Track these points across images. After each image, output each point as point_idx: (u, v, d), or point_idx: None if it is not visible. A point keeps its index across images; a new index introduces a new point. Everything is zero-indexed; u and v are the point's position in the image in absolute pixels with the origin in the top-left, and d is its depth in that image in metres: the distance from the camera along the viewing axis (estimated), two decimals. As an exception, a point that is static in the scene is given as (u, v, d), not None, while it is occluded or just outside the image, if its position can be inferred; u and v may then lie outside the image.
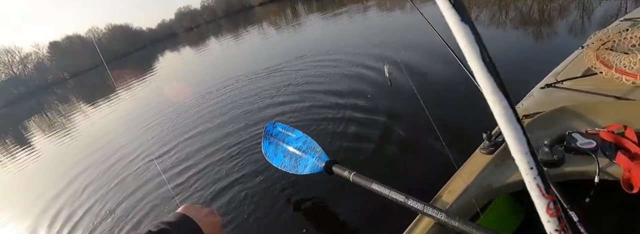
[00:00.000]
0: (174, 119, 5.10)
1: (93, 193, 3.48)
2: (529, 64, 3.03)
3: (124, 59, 29.88)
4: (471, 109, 2.50)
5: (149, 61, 19.37)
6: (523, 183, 0.78)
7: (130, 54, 34.16)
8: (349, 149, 2.54)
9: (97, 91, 14.04)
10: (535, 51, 3.30)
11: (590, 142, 0.99)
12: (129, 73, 16.85)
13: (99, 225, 2.78)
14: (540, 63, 2.87)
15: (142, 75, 13.54)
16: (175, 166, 3.35)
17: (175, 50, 21.49)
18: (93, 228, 2.77)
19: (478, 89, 1.04)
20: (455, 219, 0.83)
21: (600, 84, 1.30)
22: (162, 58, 19.82)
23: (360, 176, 1.25)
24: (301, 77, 4.98)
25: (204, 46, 15.51)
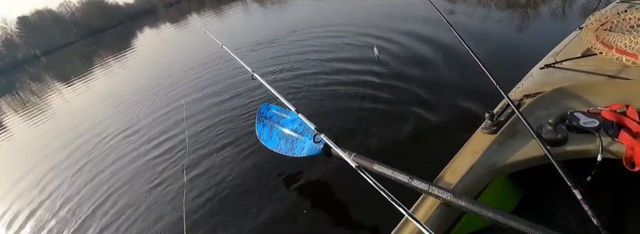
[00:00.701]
0: (155, 95, 5.01)
1: (66, 171, 3.41)
2: (526, 44, 3.04)
3: (100, 36, 28.33)
4: (468, 88, 2.52)
5: (128, 38, 18.40)
6: (526, 162, 0.76)
7: (107, 30, 32.35)
8: (349, 130, 2.51)
9: (72, 70, 13.35)
10: (532, 32, 3.30)
11: (592, 121, 0.99)
12: (106, 51, 16.08)
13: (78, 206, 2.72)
14: (538, 44, 2.88)
15: (120, 53, 12.91)
16: (154, 139, 3.31)
17: (155, 27, 20.45)
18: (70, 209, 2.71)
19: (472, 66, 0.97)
20: (461, 198, 0.82)
21: (600, 64, 1.29)
22: (142, 35, 18.88)
23: (362, 157, 1.23)
24: (288, 56, 4.87)
25: (185, 23, 14.79)
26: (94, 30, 33.64)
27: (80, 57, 17.26)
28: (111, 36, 25.22)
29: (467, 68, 2.81)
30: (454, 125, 2.15)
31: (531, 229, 0.71)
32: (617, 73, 1.19)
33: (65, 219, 2.62)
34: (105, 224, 2.35)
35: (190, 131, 3.26)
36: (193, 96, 4.36)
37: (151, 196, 2.49)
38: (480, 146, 1.01)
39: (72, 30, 33.50)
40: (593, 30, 1.50)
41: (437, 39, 3.70)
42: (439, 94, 2.62)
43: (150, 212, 2.30)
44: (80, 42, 28.50)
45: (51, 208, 2.88)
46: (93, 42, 24.04)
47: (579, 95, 1.12)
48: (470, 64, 2.75)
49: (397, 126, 2.36)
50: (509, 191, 1.23)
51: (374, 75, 3.27)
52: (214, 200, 2.14)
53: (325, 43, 4.94)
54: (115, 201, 2.59)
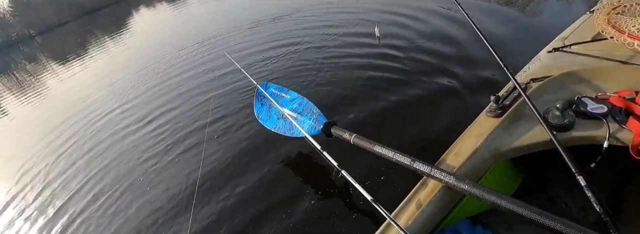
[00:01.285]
0: (150, 76, 4.99)
1: (69, 151, 3.41)
2: (535, 27, 2.97)
3: (94, 15, 27.61)
4: (474, 70, 2.49)
5: (123, 17, 17.91)
6: (531, 147, 0.74)
7: (101, 9, 31.48)
8: (350, 111, 2.50)
9: (67, 49, 13.07)
10: (542, 15, 3.22)
11: (600, 107, 0.97)
12: (101, 30, 15.73)
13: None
14: (547, 27, 2.82)
15: (115, 32, 12.63)
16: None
17: (151, 5, 19.89)
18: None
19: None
20: (464, 182, 0.81)
21: (610, 49, 1.25)
22: (137, 14, 18.40)
23: (362, 138, 1.21)
24: (286, 35, 4.78)
25: (182, 1, 14.35)
26: (88, 10, 32.73)
27: (75, 37, 16.90)
28: (106, 15, 24.57)
29: (473, 48, 2.78)
30: (458, 106, 2.14)
31: (531, 213, 0.71)
32: (627, 59, 1.16)
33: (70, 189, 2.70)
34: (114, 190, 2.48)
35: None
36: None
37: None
38: (485, 129, 0.99)
39: (67, 9, 32.57)
40: (605, 14, 1.44)
41: (445, 19, 3.61)
42: (444, 74, 2.59)
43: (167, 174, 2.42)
44: (74, 22, 27.81)
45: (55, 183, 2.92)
46: (88, 21, 23.44)
47: (587, 80, 1.10)
48: (476, 45, 2.76)
49: (400, 107, 2.36)
50: (509, 175, 1.23)
51: (377, 57, 3.22)
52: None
53: (329, 21, 4.88)
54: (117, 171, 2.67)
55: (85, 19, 26.92)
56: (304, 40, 4.34)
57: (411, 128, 2.10)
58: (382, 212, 0.83)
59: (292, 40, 4.48)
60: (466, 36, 3.04)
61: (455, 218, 0.94)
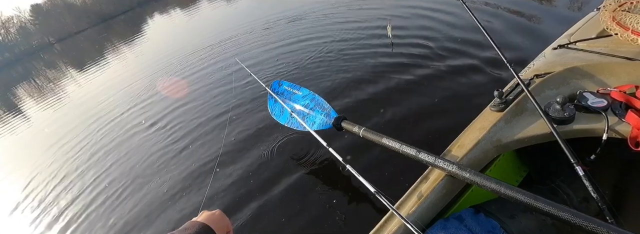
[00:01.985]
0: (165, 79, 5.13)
1: (93, 154, 3.57)
2: (541, 25, 2.99)
3: (111, 22, 28.52)
4: (480, 68, 2.54)
5: (138, 23, 18.49)
6: (532, 139, 0.79)
7: (117, 16, 32.49)
8: (360, 105, 2.60)
9: (85, 56, 13.56)
10: (549, 14, 3.22)
11: (601, 101, 1.00)
12: (117, 37, 16.23)
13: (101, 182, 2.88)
14: (554, 25, 2.83)
15: (131, 39, 13.03)
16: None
17: (165, 12, 20.45)
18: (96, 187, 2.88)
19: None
20: (466, 170, 0.86)
21: (614, 45, 1.27)
22: (152, 21, 18.93)
23: (371, 131, 1.26)
24: (297, 34, 4.91)
25: (195, 8, 14.70)
26: (105, 17, 33.85)
27: (93, 44, 17.51)
28: (122, 22, 25.41)
29: (479, 47, 2.83)
30: (464, 103, 2.20)
31: (533, 200, 0.74)
32: (631, 55, 1.18)
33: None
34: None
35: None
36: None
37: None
38: (488, 122, 1.03)
39: (84, 17, 33.73)
40: (610, 11, 1.46)
41: (452, 20, 3.66)
42: (451, 72, 2.65)
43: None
44: (92, 29, 28.83)
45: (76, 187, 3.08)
46: (104, 28, 24.30)
47: (589, 75, 1.12)
48: (483, 44, 2.80)
49: (406, 102, 2.45)
50: (514, 168, 1.26)
51: (389, 57, 3.29)
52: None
53: (340, 19, 5.01)
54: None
55: (102, 26, 27.84)
56: (315, 39, 4.47)
57: (422, 124, 2.18)
58: (385, 203, 0.88)
59: (303, 39, 4.62)
60: (473, 36, 3.08)
61: (461, 207, 0.99)
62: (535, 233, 0.88)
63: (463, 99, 2.25)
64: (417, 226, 0.85)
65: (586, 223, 0.66)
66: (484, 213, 0.90)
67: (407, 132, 2.14)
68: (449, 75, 2.61)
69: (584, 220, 0.66)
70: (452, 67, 2.71)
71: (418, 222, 0.87)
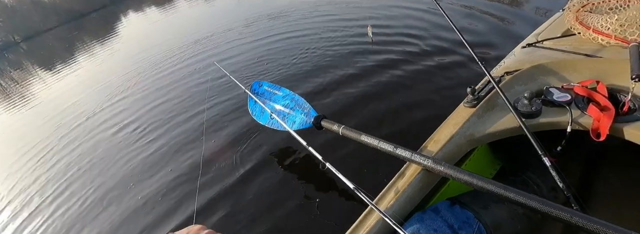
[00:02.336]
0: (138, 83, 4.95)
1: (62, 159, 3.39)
2: (511, 26, 3.12)
3: (82, 20, 27.29)
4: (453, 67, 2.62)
5: (111, 22, 17.76)
6: (502, 132, 0.83)
7: (89, 14, 31.12)
8: (342, 104, 2.61)
9: (54, 55, 12.89)
10: (517, 14, 3.36)
11: (565, 96, 1.05)
12: (89, 35, 15.56)
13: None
14: (522, 25, 2.96)
15: (104, 37, 12.52)
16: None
17: (140, 10, 19.77)
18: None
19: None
20: (441, 164, 0.88)
21: (578, 43, 1.35)
22: (126, 19, 18.26)
23: (350, 129, 1.28)
24: (277, 34, 4.89)
25: (171, 6, 14.31)
26: (76, 15, 32.31)
27: (63, 43, 16.67)
28: (94, 20, 24.34)
29: (454, 47, 2.93)
30: (440, 101, 2.27)
31: (504, 191, 0.78)
32: (592, 52, 1.26)
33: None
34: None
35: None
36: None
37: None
38: (461, 118, 1.07)
39: (53, 14, 32.08)
40: (574, 12, 1.55)
41: (426, 21, 3.75)
42: (425, 72, 2.73)
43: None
44: (61, 27, 27.41)
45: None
46: (75, 26, 23.16)
47: (555, 72, 1.19)
48: (457, 44, 2.89)
49: (380, 102, 2.49)
50: (488, 162, 1.31)
51: (368, 57, 3.33)
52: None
53: (319, 18, 5.03)
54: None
55: (73, 24, 26.54)
56: (295, 37, 4.47)
57: (397, 121, 2.23)
58: (364, 198, 0.90)
59: (282, 38, 4.61)
60: (447, 36, 3.18)
61: (438, 200, 1.02)
62: (507, 221, 0.92)
63: (438, 96, 2.33)
64: (395, 220, 0.87)
65: (553, 210, 0.70)
66: (459, 204, 0.93)
67: (384, 127, 2.19)
68: (424, 74, 2.69)
69: (551, 208, 0.70)
70: (427, 66, 2.78)
71: (396, 216, 0.89)
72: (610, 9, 1.57)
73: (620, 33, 1.25)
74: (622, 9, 1.43)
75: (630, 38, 1.21)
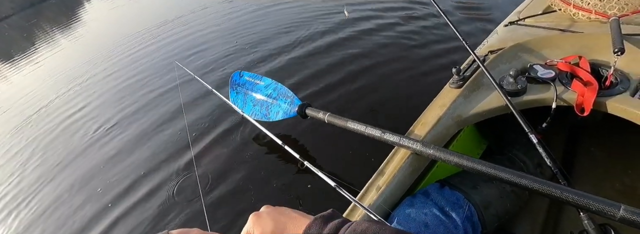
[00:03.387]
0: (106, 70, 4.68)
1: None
2: (494, 4, 3.11)
3: (40, 7, 25.28)
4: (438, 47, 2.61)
5: (72, 7, 16.53)
6: (489, 112, 0.81)
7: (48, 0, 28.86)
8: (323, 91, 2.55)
9: (12, 45, 11.94)
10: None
11: (549, 73, 1.05)
12: (49, 23, 14.48)
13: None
14: (504, 4, 2.96)
15: (65, 24, 11.68)
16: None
17: (105, -7, 18.49)
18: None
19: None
20: (429, 147, 0.87)
21: (559, 20, 1.35)
22: (88, 3, 17.06)
23: (335, 116, 1.25)
24: (254, 21, 4.68)
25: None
26: (33, 1, 29.94)
27: (21, 32, 15.43)
28: (54, 6, 22.58)
29: (436, 28, 2.91)
30: (425, 82, 2.25)
31: (492, 170, 0.77)
32: (573, 28, 1.26)
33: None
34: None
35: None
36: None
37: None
38: (448, 99, 1.05)
39: (7, 1, 29.51)
40: (554, -12, 1.54)
41: (409, 3, 3.69)
42: (409, 54, 2.69)
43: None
44: (18, 15, 25.29)
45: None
46: (33, 14, 21.42)
47: (537, 49, 1.18)
48: (440, 24, 2.87)
49: (367, 84, 2.45)
50: (475, 142, 1.32)
51: (344, 37, 3.27)
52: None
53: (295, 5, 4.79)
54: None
55: (30, 11, 24.54)
56: (274, 25, 4.27)
57: (382, 103, 2.21)
58: (346, 196, 0.88)
59: (259, 26, 4.40)
60: (430, 17, 3.14)
61: (428, 184, 1.01)
62: (496, 200, 0.92)
63: (424, 78, 2.31)
64: (386, 205, 0.85)
65: (541, 186, 0.70)
66: (449, 186, 0.92)
67: (371, 113, 2.16)
68: (410, 55, 2.65)
69: (539, 184, 0.70)
70: (413, 48, 2.75)
71: (388, 201, 0.87)
72: (589, -15, 1.58)
73: (600, 8, 1.25)
74: (602, -16, 1.42)
75: (610, 12, 1.21)
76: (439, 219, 0.82)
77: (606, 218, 0.62)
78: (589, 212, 0.70)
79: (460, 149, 1.15)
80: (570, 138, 1.31)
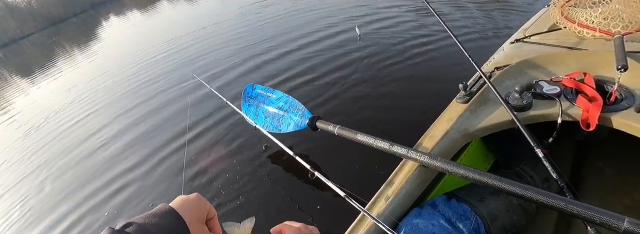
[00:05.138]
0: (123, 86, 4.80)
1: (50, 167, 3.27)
2: (501, 23, 3.18)
3: (61, 26, 26.50)
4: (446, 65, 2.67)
5: (92, 27, 17.32)
6: (495, 126, 0.83)
7: (68, 19, 30.27)
8: (335, 105, 2.60)
9: (33, 62, 12.46)
10: (503, 11, 3.43)
11: (554, 88, 1.07)
12: (69, 41, 15.12)
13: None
14: (510, 22, 3.02)
15: (84, 43, 12.20)
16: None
17: (121, 13, 19.34)
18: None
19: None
20: (437, 159, 0.88)
21: (564, 37, 1.38)
22: (107, 23, 17.83)
23: (345, 129, 1.27)
24: (266, 36, 4.87)
25: (154, 9, 14.07)
26: (55, 20, 31.40)
27: (42, 49, 16.13)
28: (74, 25, 23.67)
29: (444, 46, 2.98)
30: (433, 97, 2.30)
31: (499, 183, 0.78)
32: (578, 45, 1.28)
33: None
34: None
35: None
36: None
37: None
38: (455, 113, 1.07)
39: (30, 20, 31.01)
40: (559, 6, 1.58)
41: (417, 21, 3.79)
42: (417, 70, 2.76)
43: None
44: (39, 33, 26.54)
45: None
46: (54, 32, 22.46)
47: (543, 65, 1.21)
48: (448, 43, 2.93)
49: (376, 98, 2.51)
50: (482, 156, 1.32)
51: (355, 55, 3.35)
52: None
53: (307, 19, 5.01)
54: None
55: (51, 29, 25.74)
56: (284, 39, 4.42)
57: (390, 117, 2.25)
58: (356, 206, 0.89)
59: (271, 40, 4.56)
60: (438, 37, 3.22)
61: (435, 196, 1.02)
62: (503, 213, 0.92)
63: (432, 93, 2.36)
64: (393, 216, 0.86)
65: (547, 199, 0.70)
66: (456, 198, 0.93)
67: (379, 126, 2.19)
68: (419, 71, 2.72)
69: (546, 197, 0.71)
70: (421, 63, 2.82)
71: (396, 212, 0.88)
72: (594, 3, 1.61)
73: (604, 26, 1.28)
74: (605, 3, 1.46)
75: (614, 30, 1.24)
76: (447, 231, 0.82)
77: (611, 230, 0.63)
78: (594, 225, 0.70)
79: (467, 163, 1.16)
80: (577, 154, 1.31)
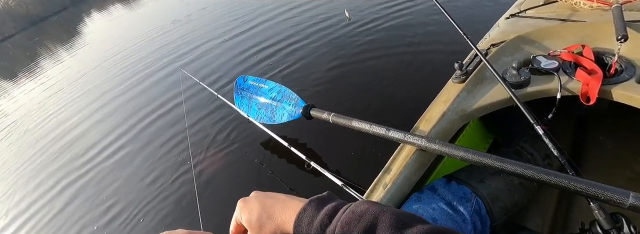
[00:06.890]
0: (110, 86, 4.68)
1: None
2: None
3: (42, 25, 25.69)
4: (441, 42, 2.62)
5: (74, 24, 16.78)
6: (493, 105, 0.79)
7: (49, 18, 29.31)
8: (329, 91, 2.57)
9: (16, 64, 12.08)
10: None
11: (552, 63, 1.04)
12: (52, 41, 14.69)
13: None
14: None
15: (68, 41, 11.85)
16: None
17: (104, 9, 18.74)
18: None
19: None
20: (435, 142, 0.86)
21: (560, 10, 1.34)
22: (90, 20, 17.30)
23: (340, 116, 1.24)
24: (253, 29, 4.72)
25: (137, 2, 13.65)
26: (34, 20, 30.36)
27: (24, 51, 15.64)
28: (56, 24, 22.95)
29: (438, 24, 2.93)
30: (428, 77, 2.27)
31: (499, 162, 0.75)
32: (574, 17, 1.24)
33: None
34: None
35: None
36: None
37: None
38: (451, 94, 1.04)
39: (9, 21, 29.91)
40: (553, -22, 1.54)
41: (411, 1, 3.70)
42: (411, 51, 2.70)
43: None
44: (20, 34, 25.69)
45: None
46: (36, 32, 21.78)
47: (540, 40, 1.17)
48: (442, 20, 2.87)
49: (370, 83, 2.46)
50: (481, 136, 1.30)
51: (345, 38, 3.29)
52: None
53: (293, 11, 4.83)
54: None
55: (32, 30, 24.93)
56: (271, 29, 4.33)
57: (385, 100, 2.21)
58: (354, 194, 0.88)
59: (259, 33, 4.44)
60: (431, 13, 3.15)
61: (435, 179, 1.00)
62: (504, 193, 0.91)
63: (427, 74, 2.32)
64: (393, 202, 0.84)
65: (549, 177, 0.68)
66: (456, 180, 0.91)
67: (374, 111, 2.16)
68: (412, 52, 2.66)
69: (546, 175, 0.68)
70: (415, 45, 2.75)
71: (395, 198, 0.86)
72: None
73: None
74: (601, -28, 1.41)
75: (611, 0, 1.20)
76: (447, 214, 0.80)
77: (616, 206, 0.61)
78: (598, 201, 0.68)
79: (466, 144, 1.14)
80: (578, 129, 1.29)
